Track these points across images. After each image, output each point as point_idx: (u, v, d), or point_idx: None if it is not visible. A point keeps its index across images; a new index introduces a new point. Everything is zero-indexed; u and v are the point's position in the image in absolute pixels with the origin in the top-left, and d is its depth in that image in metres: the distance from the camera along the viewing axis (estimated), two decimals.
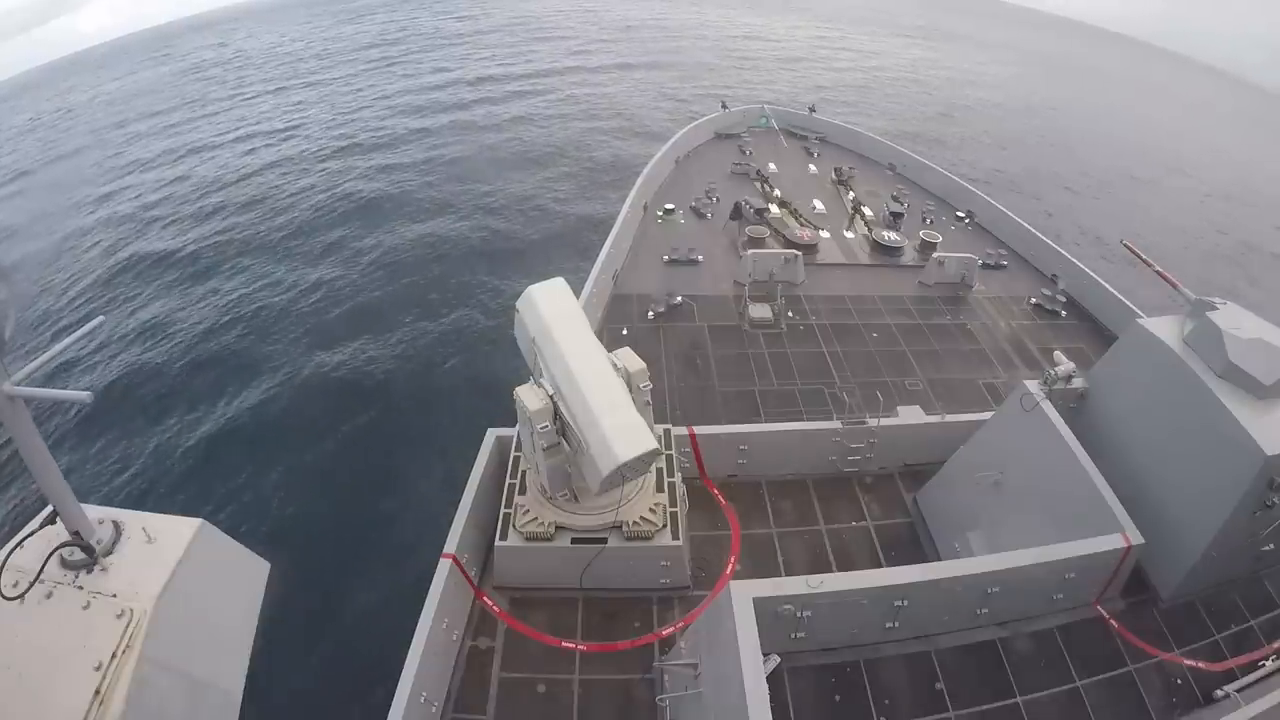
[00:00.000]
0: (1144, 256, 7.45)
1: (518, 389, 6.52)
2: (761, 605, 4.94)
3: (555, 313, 6.70)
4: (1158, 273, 7.17)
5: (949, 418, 9.29)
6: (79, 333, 3.22)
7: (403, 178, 32.86)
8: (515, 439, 8.04)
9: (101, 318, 4.02)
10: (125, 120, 50.24)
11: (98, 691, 2.67)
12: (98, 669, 2.71)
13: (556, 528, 7.05)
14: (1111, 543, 6.00)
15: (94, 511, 3.16)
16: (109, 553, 3.08)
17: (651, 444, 6.00)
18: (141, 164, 39.34)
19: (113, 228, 30.23)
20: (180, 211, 31.09)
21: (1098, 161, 44.83)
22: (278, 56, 69.30)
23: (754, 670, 4.51)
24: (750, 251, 14.03)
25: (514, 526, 7.12)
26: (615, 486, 6.41)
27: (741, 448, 8.81)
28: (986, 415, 8.23)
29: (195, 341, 20.12)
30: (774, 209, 17.07)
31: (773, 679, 4.62)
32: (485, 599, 7.33)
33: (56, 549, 2.95)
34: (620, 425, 6.03)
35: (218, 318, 21.33)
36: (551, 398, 6.36)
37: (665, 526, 7.15)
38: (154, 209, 31.86)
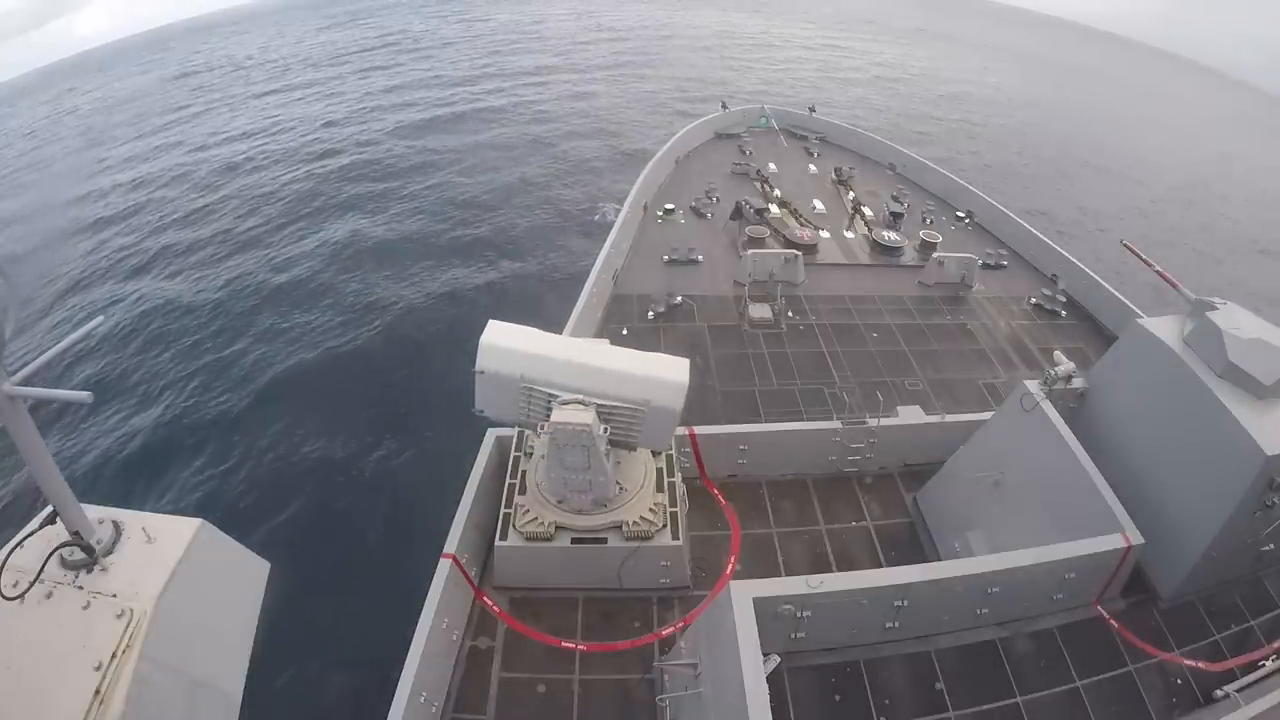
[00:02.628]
0: (1144, 256, 7.45)
1: (554, 418, 6.20)
2: (761, 605, 4.94)
3: (523, 341, 6.57)
4: (1158, 273, 7.17)
5: (949, 418, 9.28)
6: (79, 332, 3.22)
7: (400, 178, 32.84)
8: (515, 439, 8.05)
9: (101, 317, 4.02)
10: (120, 125, 50.10)
11: (98, 691, 2.67)
12: (98, 669, 2.70)
13: (556, 528, 7.05)
14: (1111, 543, 6.00)
15: (94, 511, 3.16)
16: (109, 553, 3.07)
17: (686, 361, 6.51)
18: (138, 162, 39.35)
19: (109, 228, 30.24)
20: (182, 211, 31.10)
21: (1099, 161, 44.87)
22: (270, 61, 69.16)
23: (754, 670, 4.50)
24: (750, 251, 14.03)
25: (514, 526, 7.12)
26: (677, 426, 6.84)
27: (741, 448, 8.80)
28: (986, 415, 8.22)
29: (194, 342, 20.10)
30: (774, 209, 17.07)
31: (773, 679, 4.61)
32: (485, 599, 7.32)
33: (56, 549, 2.94)
34: (660, 365, 6.42)
35: (216, 318, 21.31)
36: (581, 401, 6.31)
37: (665, 526, 7.15)
38: (156, 210, 31.87)
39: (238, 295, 22.55)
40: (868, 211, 17.40)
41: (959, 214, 18.30)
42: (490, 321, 6.74)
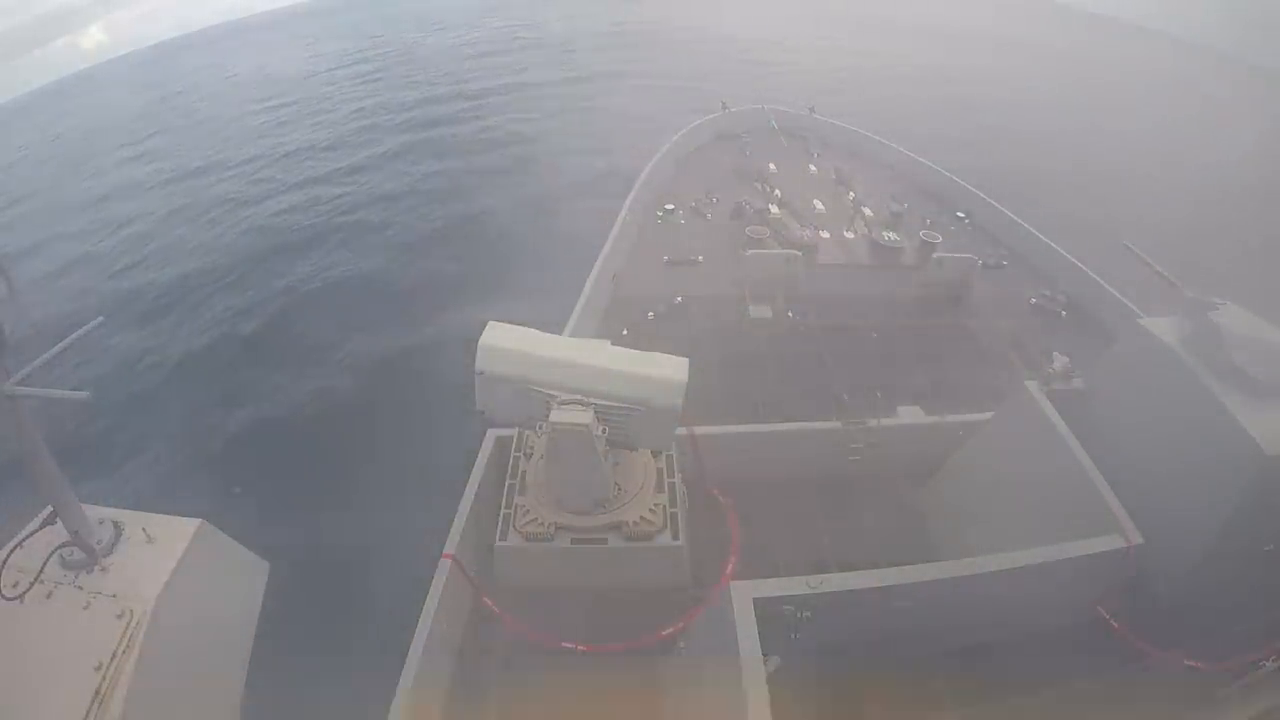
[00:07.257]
0: (1144, 257, 7.45)
1: (552, 418, 6.19)
2: (761, 605, 4.94)
3: (522, 342, 6.54)
4: (1158, 273, 7.17)
5: (949, 418, 9.26)
6: (79, 332, 3.22)
7: (401, 180, 32.86)
8: (515, 439, 8.05)
9: (101, 318, 3.99)
10: (117, 136, 49.59)
11: (98, 691, 2.67)
12: (98, 669, 2.71)
13: (556, 528, 7.06)
14: (1111, 543, 6.00)
15: (94, 511, 3.17)
16: (109, 553, 3.08)
17: (685, 360, 6.50)
18: (137, 166, 39.36)
19: (109, 230, 30.26)
20: (186, 214, 31.10)
21: (1100, 159, 44.74)
22: (269, 77, 68.51)
23: (754, 670, 4.50)
24: (750, 252, 14.01)
25: (514, 526, 7.13)
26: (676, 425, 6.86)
27: (741, 448, 8.81)
28: (986, 415, 8.23)
29: (194, 342, 20.11)
30: (774, 209, 17.07)
31: (773, 679, 4.62)
32: (485, 599, 7.33)
33: (57, 549, 2.95)
34: (658, 363, 6.45)
35: (217, 318, 21.32)
36: (580, 401, 6.30)
37: (665, 526, 7.15)
38: (163, 213, 31.87)
39: (238, 295, 22.56)
40: (868, 211, 17.37)
41: (959, 214, 18.28)
42: (489, 323, 6.74)
